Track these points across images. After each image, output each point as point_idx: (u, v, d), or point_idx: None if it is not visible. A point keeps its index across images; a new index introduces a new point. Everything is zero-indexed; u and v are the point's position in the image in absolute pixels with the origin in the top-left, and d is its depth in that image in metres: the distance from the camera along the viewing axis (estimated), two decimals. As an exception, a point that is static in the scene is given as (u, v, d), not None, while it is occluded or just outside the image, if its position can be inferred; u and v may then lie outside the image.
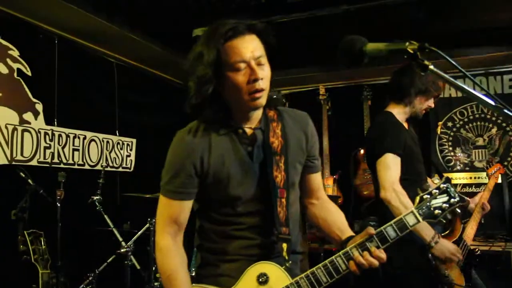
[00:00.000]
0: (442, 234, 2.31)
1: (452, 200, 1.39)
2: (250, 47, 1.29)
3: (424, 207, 1.37)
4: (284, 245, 1.39)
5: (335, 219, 1.54)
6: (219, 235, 1.44)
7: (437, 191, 1.39)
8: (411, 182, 2.16)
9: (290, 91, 4.96)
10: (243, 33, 1.29)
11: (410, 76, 2.27)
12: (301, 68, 4.69)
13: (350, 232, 1.47)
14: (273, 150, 1.41)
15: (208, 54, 1.28)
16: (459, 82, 1.14)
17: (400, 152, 2.19)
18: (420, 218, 1.36)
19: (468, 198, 2.65)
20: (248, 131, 1.41)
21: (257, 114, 1.42)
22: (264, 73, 1.32)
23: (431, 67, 1.25)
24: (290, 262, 1.38)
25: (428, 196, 1.38)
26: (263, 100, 1.34)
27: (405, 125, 2.38)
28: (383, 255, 1.33)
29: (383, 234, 1.34)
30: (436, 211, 1.37)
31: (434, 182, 1.42)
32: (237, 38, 1.28)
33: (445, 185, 1.40)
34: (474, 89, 1.21)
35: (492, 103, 1.20)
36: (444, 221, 1.41)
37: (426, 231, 2.10)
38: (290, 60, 3.84)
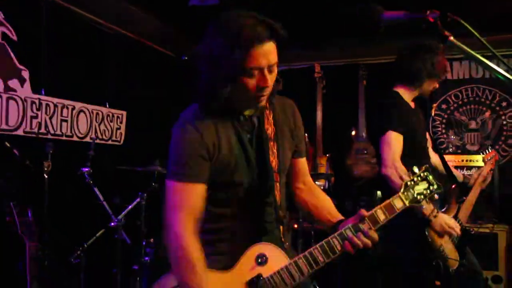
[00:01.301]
0: (438, 212, 2.33)
1: (431, 187, 1.55)
2: (268, 56, 1.33)
3: (408, 193, 1.50)
4: (281, 227, 1.49)
5: (324, 204, 1.61)
6: (217, 216, 1.47)
7: (418, 178, 1.53)
8: (412, 160, 2.15)
9: (285, 67, 4.87)
10: (265, 41, 1.31)
11: (422, 61, 2.30)
12: (296, 45, 4.59)
13: (340, 216, 1.55)
14: (268, 136, 1.49)
15: (234, 55, 1.29)
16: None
17: (403, 131, 2.22)
18: (406, 202, 1.48)
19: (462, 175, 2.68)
20: (247, 118, 1.49)
21: None
22: (272, 78, 1.38)
23: (451, 38, 1.22)
24: (287, 243, 1.47)
25: (412, 183, 1.52)
26: (264, 101, 1.44)
27: (412, 104, 2.39)
28: (375, 235, 1.43)
29: (374, 216, 1.44)
30: (419, 197, 1.52)
31: (414, 170, 1.54)
32: (258, 46, 1.30)
33: (424, 174, 1.55)
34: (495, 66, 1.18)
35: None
36: (424, 207, 1.62)
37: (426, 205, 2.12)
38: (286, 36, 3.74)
